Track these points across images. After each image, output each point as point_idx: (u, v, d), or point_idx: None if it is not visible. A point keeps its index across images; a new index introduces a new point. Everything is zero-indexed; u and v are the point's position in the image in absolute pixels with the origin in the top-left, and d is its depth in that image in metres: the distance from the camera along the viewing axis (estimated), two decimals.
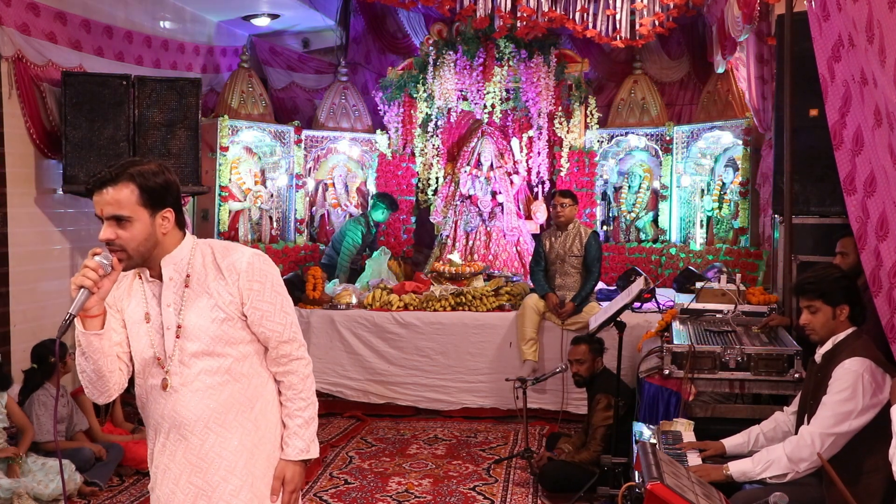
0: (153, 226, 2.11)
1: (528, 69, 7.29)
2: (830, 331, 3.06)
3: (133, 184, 2.07)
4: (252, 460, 2.21)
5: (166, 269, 2.17)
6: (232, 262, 2.18)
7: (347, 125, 8.00)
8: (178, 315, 2.16)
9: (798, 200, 4.49)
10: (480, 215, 7.47)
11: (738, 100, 6.90)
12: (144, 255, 2.13)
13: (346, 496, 4.52)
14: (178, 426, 2.17)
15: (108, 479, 4.63)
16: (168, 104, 5.62)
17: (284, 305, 2.23)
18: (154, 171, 2.12)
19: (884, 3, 2.35)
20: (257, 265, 2.20)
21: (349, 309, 6.20)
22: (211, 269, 2.18)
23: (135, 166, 2.10)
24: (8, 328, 5.20)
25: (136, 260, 2.12)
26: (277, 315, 2.21)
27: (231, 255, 2.20)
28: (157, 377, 2.18)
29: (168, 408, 2.17)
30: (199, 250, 2.21)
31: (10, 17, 5.17)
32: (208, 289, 2.17)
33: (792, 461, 2.90)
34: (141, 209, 2.09)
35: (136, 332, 2.20)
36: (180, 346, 2.15)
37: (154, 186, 2.10)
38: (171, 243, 2.17)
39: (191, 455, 2.18)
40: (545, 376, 5.16)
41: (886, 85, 2.41)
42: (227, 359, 2.18)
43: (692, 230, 7.37)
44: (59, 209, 5.73)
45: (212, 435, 2.17)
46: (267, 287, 2.20)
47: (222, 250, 2.22)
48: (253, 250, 2.24)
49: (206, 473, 2.18)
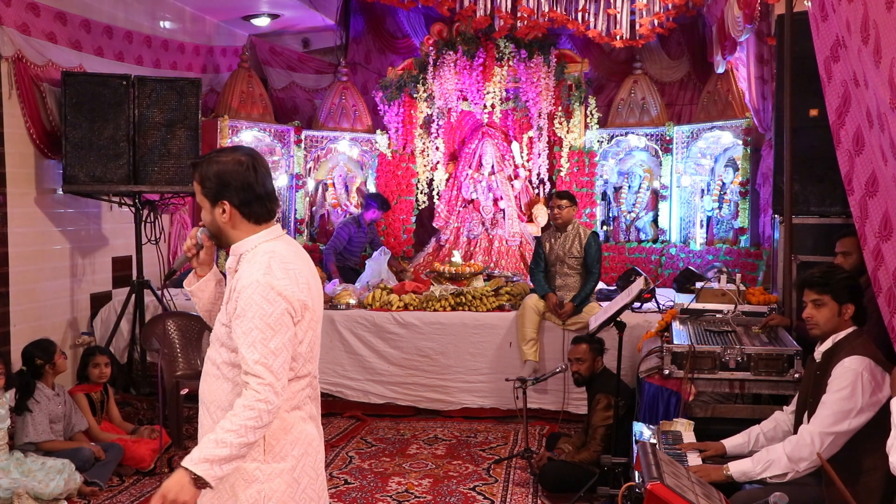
0: (214, 215, 2.25)
1: (528, 69, 7.29)
2: (833, 327, 3.06)
3: (197, 176, 2.25)
4: None
5: (231, 258, 2.29)
6: (243, 275, 2.17)
7: (347, 125, 8.00)
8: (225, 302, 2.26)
9: (798, 200, 4.49)
10: (483, 223, 7.48)
11: (738, 100, 6.90)
12: (219, 239, 2.30)
13: (346, 496, 4.52)
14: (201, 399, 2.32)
15: (108, 479, 4.63)
16: (168, 104, 5.63)
17: (257, 341, 2.10)
18: (216, 160, 2.23)
19: (881, 3, 2.34)
20: (250, 292, 2.12)
21: (349, 309, 6.20)
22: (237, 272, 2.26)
23: (205, 158, 2.26)
24: (8, 328, 5.21)
25: (216, 241, 2.31)
26: (245, 346, 2.11)
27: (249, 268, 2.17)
28: None
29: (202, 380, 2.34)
30: (258, 250, 2.23)
31: (10, 17, 5.18)
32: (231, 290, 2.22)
33: (792, 461, 2.90)
34: (203, 199, 2.26)
35: None
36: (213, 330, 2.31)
37: (209, 181, 2.22)
38: (239, 234, 2.26)
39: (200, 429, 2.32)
40: (545, 376, 5.16)
41: (880, 85, 2.41)
42: (221, 357, 2.24)
43: (692, 230, 7.37)
44: (59, 209, 5.74)
45: (205, 417, 2.29)
46: (247, 315, 2.11)
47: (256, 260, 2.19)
48: (265, 278, 2.14)
49: None
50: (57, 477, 4.26)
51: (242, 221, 2.24)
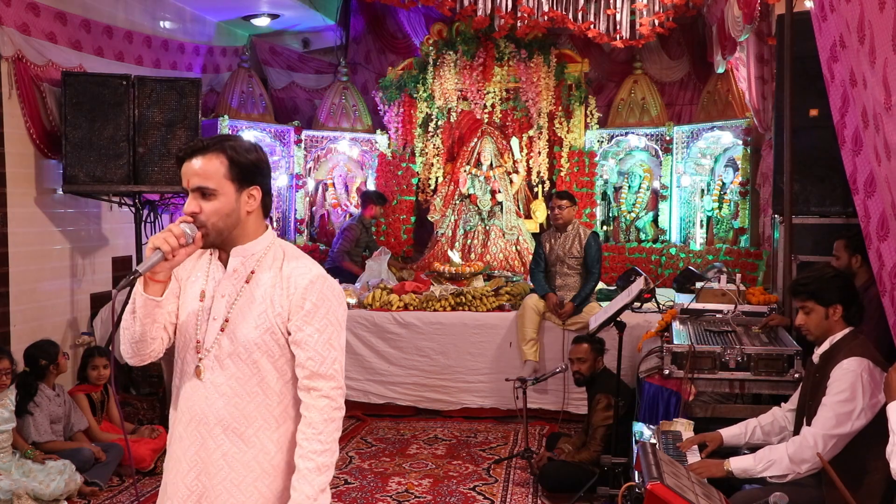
0: (238, 202, 2.01)
1: (528, 69, 7.29)
2: (825, 331, 3.07)
3: (224, 155, 1.99)
4: (260, 482, 2.04)
5: (234, 259, 2.06)
6: (295, 272, 2.04)
7: (347, 125, 8.01)
8: (228, 309, 2.03)
9: (798, 200, 4.49)
10: (479, 214, 7.48)
11: (738, 100, 6.90)
12: (223, 233, 2.02)
13: (346, 496, 4.52)
14: (198, 422, 2.04)
15: (108, 479, 4.63)
16: (168, 104, 5.62)
17: (332, 339, 2.02)
18: (247, 147, 2.04)
19: (874, 4, 2.34)
20: (319, 286, 2.02)
21: (349, 309, 6.19)
22: (275, 273, 2.05)
23: (228, 140, 2.03)
24: (8, 328, 5.20)
25: (213, 237, 2.01)
26: (321, 345, 2.00)
27: (298, 264, 2.06)
28: (192, 363, 2.06)
29: (195, 398, 2.05)
30: (273, 251, 2.08)
31: (10, 17, 5.17)
32: (265, 293, 2.03)
33: (794, 462, 2.90)
34: (227, 183, 1.99)
35: (187, 306, 2.09)
36: (220, 343, 2.03)
37: (244, 161, 2.01)
38: (251, 230, 2.07)
39: (204, 455, 2.04)
40: (545, 376, 5.16)
41: (875, 85, 2.41)
42: (261, 370, 2.03)
43: (692, 230, 7.37)
44: (59, 209, 5.73)
45: (227, 443, 2.03)
46: (321, 311, 2.01)
47: (293, 256, 2.09)
48: (322, 271, 2.07)
49: (214, 479, 2.04)
50: (58, 478, 4.27)
51: (258, 214, 2.07)
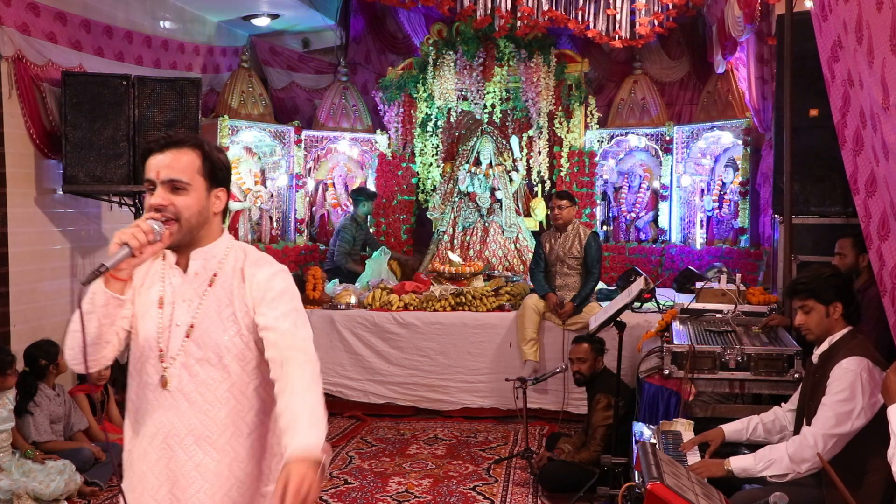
0: (207, 201, 2.00)
1: (528, 69, 7.28)
2: (825, 330, 3.07)
3: (200, 150, 1.98)
4: (234, 490, 2.00)
5: (195, 262, 2.02)
6: (256, 269, 2.03)
7: (347, 125, 8.00)
8: (193, 314, 1.99)
9: (798, 200, 4.49)
10: (479, 211, 7.48)
11: (738, 100, 6.91)
12: (193, 231, 1.98)
13: (346, 496, 4.52)
14: (165, 434, 1.97)
15: (109, 479, 4.63)
16: (168, 104, 5.62)
17: (298, 322, 1.98)
18: (219, 148, 2.05)
19: (872, 4, 2.35)
20: (280, 277, 2.02)
21: (349, 309, 6.20)
22: (237, 275, 2.02)
23: (202, 138, 2.04)
24: (8, 328, 5.20)
25: (183, 234, 1.96)
26: (289, 324, 1.96)
27: (259, 264, 2.05)
28: (155, 374, 1.99)
29: (161, 410, 1.98)
30: (233, 252, 2.06)
31: (10, 17, 5.17)
32: (231, 295, 2.00)
33: (794, 461, 2.90)
34: (200, 179, 1.98)
35: (145, 314, 2.02)
36: (187, 349, 1.97)
37: (217, 160, 2.01)
38: (214, 232, 2.05)
39: (175, 468, 1.97)
40: (545, 376, 5.16)
41: (873, 85, 2.41)
42: (232, 374, 1.99)
43: (692, 230, 7.37)
44: (59, 209, 5.73)
45: (199, 453, 1.97)
46: (285, 297, 1.99)
47: (254, 258, 2.07)
48: (283, 268, 2.06)
49: (187, 492, 1.97)
50: (58, 478, 4.27)
51: (220, 217, 2.06)
